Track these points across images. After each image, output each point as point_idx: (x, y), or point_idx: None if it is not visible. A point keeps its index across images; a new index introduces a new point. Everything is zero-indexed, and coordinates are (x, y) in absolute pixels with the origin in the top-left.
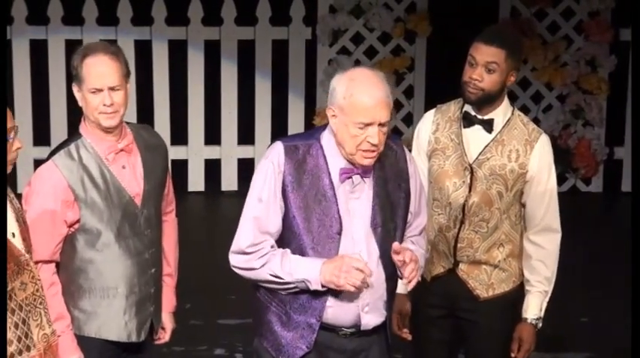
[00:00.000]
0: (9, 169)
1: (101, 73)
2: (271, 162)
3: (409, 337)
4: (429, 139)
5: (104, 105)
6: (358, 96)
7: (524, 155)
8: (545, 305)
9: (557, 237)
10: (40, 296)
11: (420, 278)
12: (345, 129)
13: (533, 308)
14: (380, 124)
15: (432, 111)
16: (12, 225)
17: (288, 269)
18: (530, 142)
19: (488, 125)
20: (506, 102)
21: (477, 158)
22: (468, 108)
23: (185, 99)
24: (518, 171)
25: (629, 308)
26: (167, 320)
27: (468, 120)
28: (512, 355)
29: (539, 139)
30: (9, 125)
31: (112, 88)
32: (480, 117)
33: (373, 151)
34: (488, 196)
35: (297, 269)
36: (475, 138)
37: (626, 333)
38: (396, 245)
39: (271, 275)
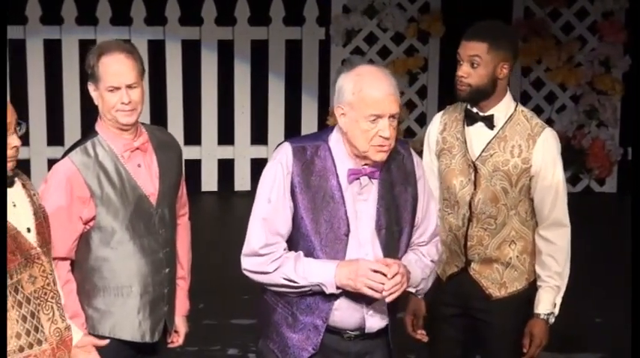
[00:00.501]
0: (9, 167)
1: (118, 71)
2: (279, 163)
3: (425, 338)
4: (437, 140)
5: (122, 103)
6: (367, 89)
7: (526, 150)
8: (558, 300)
9: (566, 232)
10: (51, 291)
11: (399, 293)
12: (356, 126)
13: (545, 303)
14: (390, 117)
15: (440, 113)
16: (29, 220)
17: (302, 272)
18: (533, 137)
19: (488, 121)
20: (508, 98)
21: (480, 155)
22: (469, 106)
23: (198, 99)
24: (521, 167)
25: None
26: (180, 324)
27: (470, 118)
28: (524, 350)
29: (542, 133)
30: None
31: (129, 86)
32: (480, 114)
33: (385, 145)
34: (493, 192)
35: (311, 272)
36: (478, 135)
37: None
38: (382, 259)
39: (285, 278)
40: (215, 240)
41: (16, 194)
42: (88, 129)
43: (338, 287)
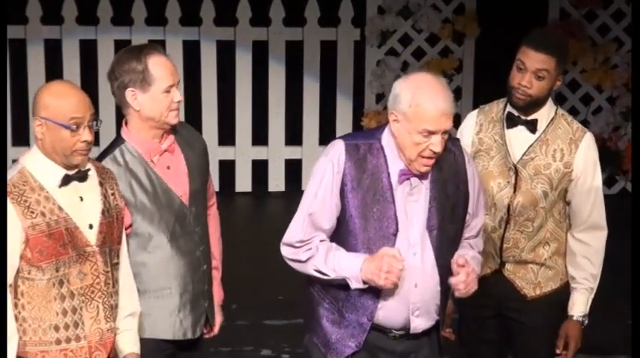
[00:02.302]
0: (78, 160)
1: (172, 70)
2: (331, 161)
3: (452, 337)
4: (472, 140)
5: (178, 101)
6: (425, 105)
7: (568, 154)
8: (590, 301)
9: (603, 235)
10: (100, 290)
11: (471, 291)
12: (409, 137)
13: (580, 305)
14: (443, 132)
15: (474, 113)
16: (94, 217)
17: (332, 265)
18: (575, 141)
19: (532, 125)
20: (549, 102)
21: (521, 158)
22: (511, 108)
23: (233, 99)
24: (563, 171)
25: None
26: (216, 313)
27: (511, 121)
28: (558, 351)
29: (584, 138)
30: (74, 114)
31: (177, 85)
32: (523, 117)
33: (432, 158)
34: (533, 196)
35: (339, 265)
36: (519, 138)
37: None
38: (461, 259)
39: (315, 270)
40: (249, 240)
41: (86, 189)
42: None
43: (364, 282)
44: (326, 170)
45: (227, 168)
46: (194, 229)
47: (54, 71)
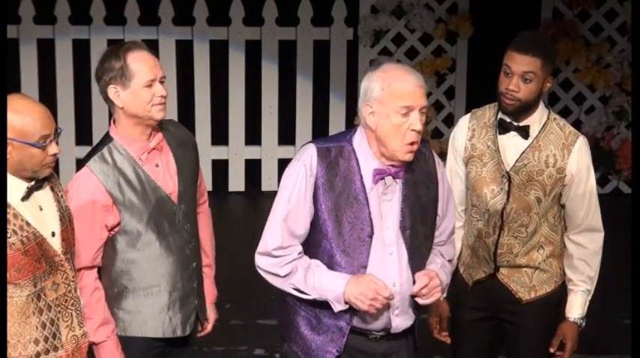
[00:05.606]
0: (46, 172)
1: (153, 65)
2: (304, 165)
3: (448, 340)
4: (465, 146)
5: (160, 96)
6: (397, 83)
7: (561, 159)
8: (587, 304)
9: (600, 236)
10: (72, 298)
11: (433, 299)
12: (387, 121)
13: (577, 307)
14: (420, 110)
15: (466, 117)
16: (54, 224)
17: (312, 284)
18: (568, 146)
19: (524, 132)
20: (541, 106)
21: (514, 165)
22: (503, 115)
23: (226, 99)
24: (556, 176)
25: None
26: (210, 311)
27: (503, 127)
28: (552, 350)
29: (577, 142)
30: (43, 132)
31: (160, 80)
32: (515, 124)
33: (416, 143)
34: (527, 202)
35: (320, 286)
36: (511, 144)
37: None
38: (422, 272)
39: (294, 289)
40: (242, 240)
41: (43, 197)
42: None
43: (346, 302)
44: (299, 174)
45: (220, 168)
46: (183, 227)
47: (47, 71)
